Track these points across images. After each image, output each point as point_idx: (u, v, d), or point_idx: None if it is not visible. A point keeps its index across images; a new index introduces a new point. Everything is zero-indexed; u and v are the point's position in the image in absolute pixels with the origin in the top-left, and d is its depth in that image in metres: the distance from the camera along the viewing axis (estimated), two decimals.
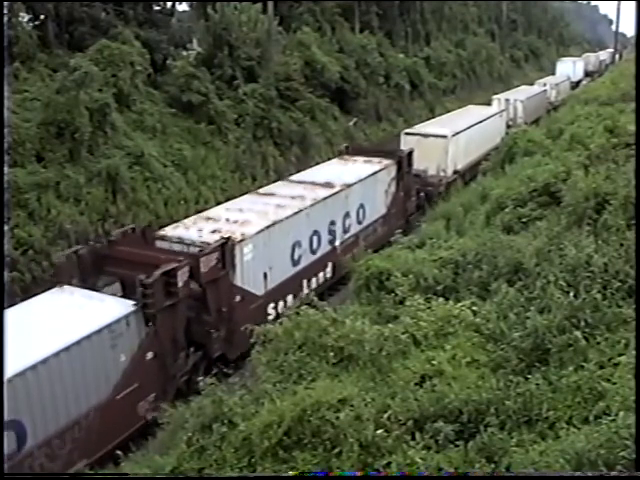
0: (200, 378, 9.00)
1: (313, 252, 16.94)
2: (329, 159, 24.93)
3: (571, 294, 8.46)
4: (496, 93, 42.89)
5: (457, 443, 6.81)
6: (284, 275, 15.67)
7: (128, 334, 11.42)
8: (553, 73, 61.69)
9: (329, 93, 38.04)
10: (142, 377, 11.72)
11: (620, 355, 7.30)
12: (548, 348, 7.87)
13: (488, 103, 38.49)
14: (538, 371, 7.60)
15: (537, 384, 7.23)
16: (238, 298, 13.96)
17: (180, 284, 12.00)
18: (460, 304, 9.79)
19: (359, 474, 6.60)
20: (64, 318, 11.27)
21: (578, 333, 7.79)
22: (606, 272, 8.79)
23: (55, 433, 10.28)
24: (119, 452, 9.66)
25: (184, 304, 12.45)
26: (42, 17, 28.91)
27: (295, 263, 16.17)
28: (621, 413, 6.06)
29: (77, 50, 27.51)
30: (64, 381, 10.37)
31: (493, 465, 6.43)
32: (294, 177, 20.16)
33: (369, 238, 19.49)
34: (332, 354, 8.62)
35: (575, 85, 57.72)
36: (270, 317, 14.60)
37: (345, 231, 18.48)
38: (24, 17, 27.73)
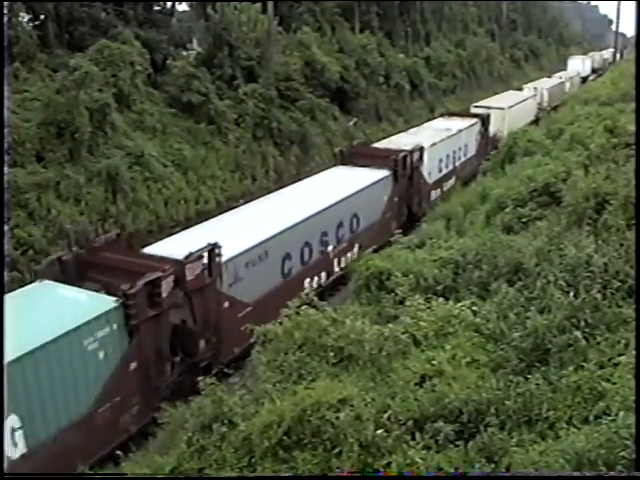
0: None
1: (447, 167, 27.08)
2: (329, 160, 26.01)
3: (571, 294, 8.44)
4: (496, 93, 47.08)
5: (457, 443, 6.80)
6: (436, 177, 25.73)
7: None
8: (551, 74, 62.32)
9: (329, 93, 38.04)
10: None
11: (620, 355, 7.28)
12: (548, 348, 7.86)
13: None
14: (538, 371, 7.59)
15: (537, 384, 7.22)
16: (422, 181, 23.99)
17: (406, 170, 22.33)
18: (460, 304, 9.77)
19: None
20: None
21: (578, 333, 7.78)
22: (606, 272, 8.76)
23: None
24: (119, 452, 9.67)
25: (406, 178, 22.34)
26: (42, 17, 28.92)
27: (440, 171, 26.22)
28: (621, 413, 6.05)
29: (77, 50, 27.52)
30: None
31: (493, 465, 6.43)
32: (424, 125, 30.68)
33: (469, 167, 29.66)
34: (332, 354, 8.61)
35: (584, 80, 62.94)
36: (431, 198, 24.92)
37: (458, 159, 28.66)
38: (24, 17, 27.75)
